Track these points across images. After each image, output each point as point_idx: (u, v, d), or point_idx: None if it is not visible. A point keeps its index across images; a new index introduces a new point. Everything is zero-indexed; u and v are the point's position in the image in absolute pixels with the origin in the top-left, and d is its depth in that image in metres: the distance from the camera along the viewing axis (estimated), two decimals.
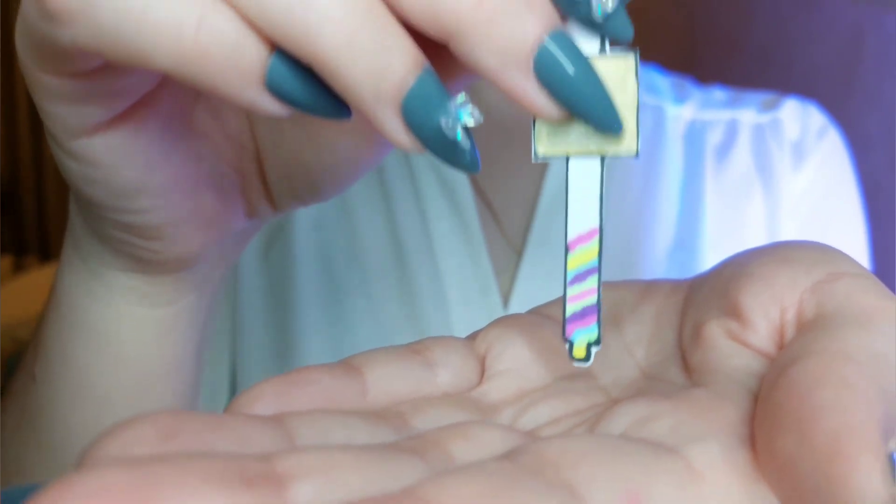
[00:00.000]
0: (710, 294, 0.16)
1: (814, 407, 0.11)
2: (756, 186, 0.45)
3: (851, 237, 0.47)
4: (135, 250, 0.23)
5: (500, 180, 0.43)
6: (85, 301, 0.25)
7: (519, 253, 0.42)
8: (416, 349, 0.16)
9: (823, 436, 0.11)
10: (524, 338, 0.17)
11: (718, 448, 0.12)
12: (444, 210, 0.42)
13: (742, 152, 0.46)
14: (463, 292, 0.40)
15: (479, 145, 0.48)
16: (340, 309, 0.40)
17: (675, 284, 0.18)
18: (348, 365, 0.15)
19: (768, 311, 0.15)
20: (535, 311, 0.19)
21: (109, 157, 0.19)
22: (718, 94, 0.49)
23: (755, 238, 0.44)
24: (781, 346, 0.14)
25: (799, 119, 0.47)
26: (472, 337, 0.17)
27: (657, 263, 0.42)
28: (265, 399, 0.13)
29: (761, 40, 1.48)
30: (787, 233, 0.45)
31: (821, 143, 0.46)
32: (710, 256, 0.43)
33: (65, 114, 0.18)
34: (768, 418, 0.12)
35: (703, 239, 0.43)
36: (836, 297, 0.14)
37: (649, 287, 0.19)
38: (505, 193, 0.43)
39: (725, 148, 0.46)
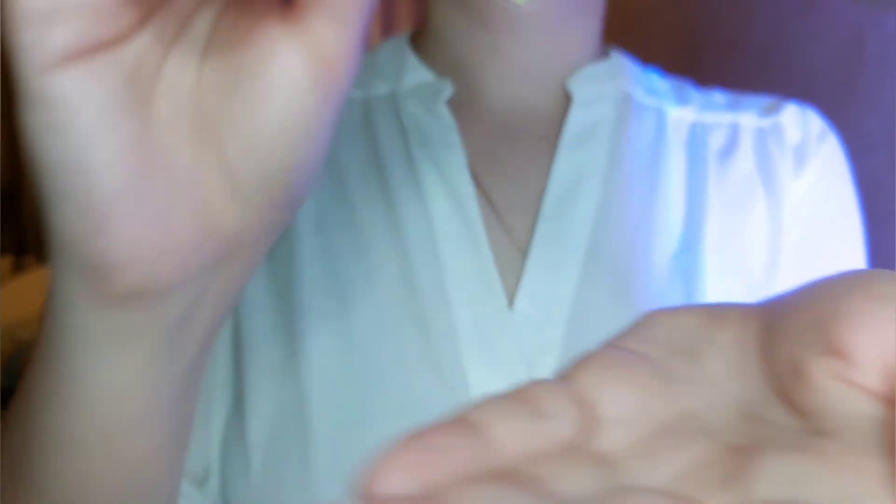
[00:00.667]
0: (803, 328, 0.15)
1: None
2: (758, 190, 0.45)
3: (851, 240, 0.47)
4: (101, 275, 0.22)
5: (503, 181, 0.44)
6: (59, 343, 0.25)
7: (524, 253, 0.42)
8: (524, 398, 0.15)
9: None
10: (622, 380, 0.16)
11: None
12: (448, 211, 0.42)
13: (744, 156, 0.46)
14: (468, 292, 0.40)
15: (482, 147, 0.47)
16: (345, 310, 0.40)
17: (744, 310, 0.17)
18: (466, 422, 0.14)
19: (879, 353, 0.14)
20: (613, 346, 0.18)
21: (71, 95, 0.20)
22: (718, 96, 0.49)
23: (758, 242, 0.44)
24: None
25: (800, 124, 0.47)
26: (566, 379, 0.17)
27: (662, 266, 0.42)
28: (401, 473, 0.13)
29: (761, 41, 1.48)
30: (790, 238, 0.45)
31: (821, 147, 0.47)
32: (713, 259, 0.43)
33: (41, 37, 0.20)
34: None
35: (705, 242, 0.44)
36: None
37: (714, 312, 0.18)
38: (509, 194, 0.43)
39: (728, 151, 0.46)
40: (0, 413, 0.30)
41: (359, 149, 0.44)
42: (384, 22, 3.29)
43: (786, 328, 0.16)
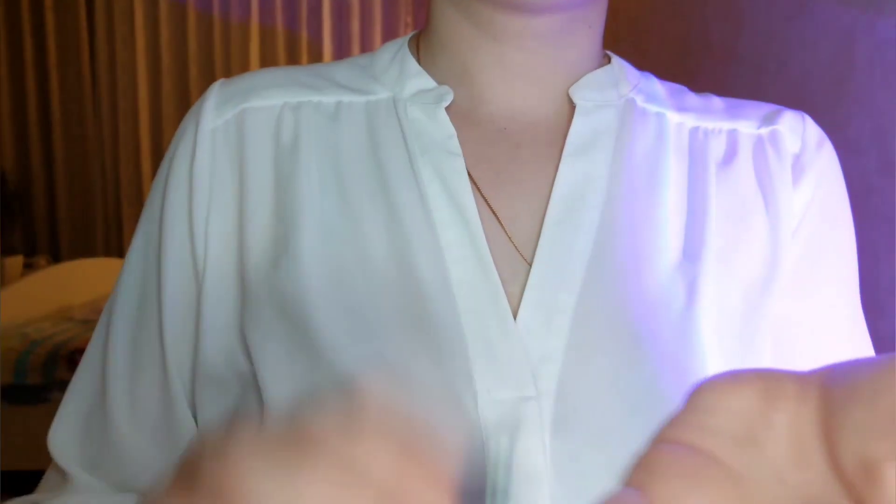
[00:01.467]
0: (871, 424, 0.15)
1: None
2: (758, 200, 0.45)
3: (847, 251, 0.47)
4: None
5: (507, 189, 0.43)
6: None
7: (528, 261, 0.42)
8: None
9: None
10: (699, 491, 0.16)
11: None
12: (450, 219, 0.42)
13: (744, 165, 0.46)
14: (473, 300, 0.40)
15: (485, 155, 0.45)
16: (352, 320, 0.40)
17: (800, 386, 0.17)
18: None
19: None
20: (678, 442, 0.17)
21: None
22: (717, 101, 0.49)
23: (756, 251, 0.44)
24: None
25: (798, 132, 0.46)
26: (645, 491, 0.17)
27: (664, 274, 0.42)
28: None
29: (754, 46, 1.50)
30: (790, 249, 0.45)
31: (819, 156, 0.46)
32: (714, 268, 0.43)
33: None
34: None
35: (706, 250, 0.43)
36: None
37: (770, 389, 0.17)
38: (512, 202, 0.43)
39: (728, 159, 0.46)
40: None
41: (361, 157, 0.44)
42: (386, 25, 3.31)
43: (851, 420, 0.15)
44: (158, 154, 3.29)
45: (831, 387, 0.16)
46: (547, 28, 0.43)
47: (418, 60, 0.47)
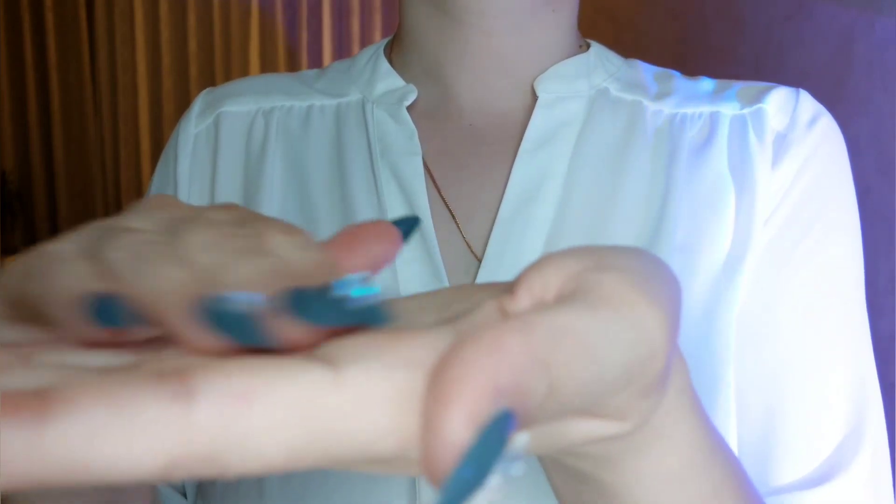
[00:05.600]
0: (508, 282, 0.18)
1: (454, 358, 0.13)
2: (729, 186, 0.42)
3: (838, 234, 0.42)
4: None
5: (465, 186, 0.43)
6: None
7: (479, 260, 0.41)
8: None
9: (442, 382, 0.13)
10: None
11: (378, 367, 0.14)
12: None
13: (719, 149, 0.43)
14: None
15: (448, 152, 0.45)
16: None
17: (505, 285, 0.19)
18: None
19: (533, 286, 0.16)
20: None
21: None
22: (706, 84, 0.46)
23: (724, 239, 0.41)
24: None
25: (787, 109, 0.43)
26: None
27: None
28: None
29: (752, 47, 1.50)
30: (764, 233, 0.41)
31: (809, 133, 0.42)
32: (676, 258, 0.40)
33: None
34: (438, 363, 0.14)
35: (668, 240, 0.41)
36: (590, 281, 0.16)
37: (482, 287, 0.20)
38: (470, 201, 0.43)
39: (704, 145, 0.43)
40: None
41: (325, 160, 0.44)
42: (386, 26, 3.32)
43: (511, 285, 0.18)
44: (158, 154, 3.29)
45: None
46: (507, 6, 0.42)
47: (391, 61, 0.47)
